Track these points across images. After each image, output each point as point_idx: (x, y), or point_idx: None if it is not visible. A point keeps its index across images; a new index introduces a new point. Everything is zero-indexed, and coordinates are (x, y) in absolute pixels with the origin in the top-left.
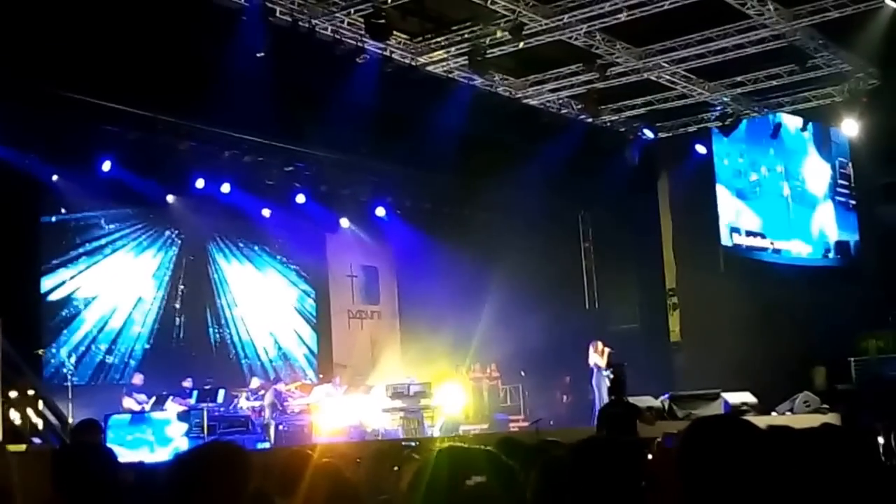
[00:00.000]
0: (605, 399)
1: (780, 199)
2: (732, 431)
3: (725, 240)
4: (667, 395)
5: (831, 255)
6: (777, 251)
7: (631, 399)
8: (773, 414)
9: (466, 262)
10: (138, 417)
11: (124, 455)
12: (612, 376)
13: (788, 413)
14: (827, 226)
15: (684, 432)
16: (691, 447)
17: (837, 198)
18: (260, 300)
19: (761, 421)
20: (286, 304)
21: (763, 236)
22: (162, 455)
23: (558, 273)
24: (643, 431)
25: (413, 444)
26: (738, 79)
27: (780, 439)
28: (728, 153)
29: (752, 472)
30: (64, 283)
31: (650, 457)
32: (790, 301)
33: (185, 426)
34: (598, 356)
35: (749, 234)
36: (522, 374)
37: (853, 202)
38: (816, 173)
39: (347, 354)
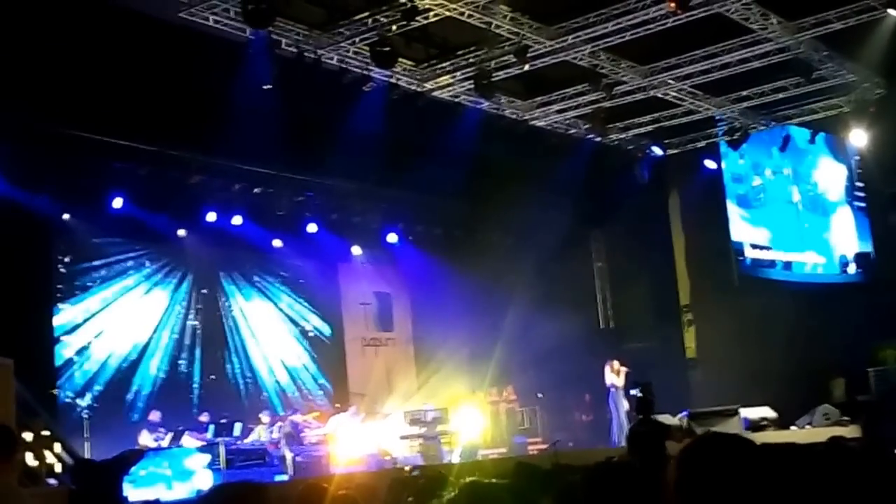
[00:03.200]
0: (623, 418)
1: (789, 206)
2: (729, 452)
3: (742, 254)
4: (685, 413)
5: (851, 268)
6: (788, 265)
7: (651, 416)
8: (793, 428)
9: (480, 286)
10: (153, 451)
11: (139, 492)
12: (639, 395)
13: (808, 426)
14: (845, 234)
15: (679, 455)
16: (688, 470)
17: (856, 202)
18: (274, 331)
19: (780, 435)
20: (300, 334)
21: (770, 249)
22: (181, 491)
23: (572, 293)
24: (673, 450)
25: (416, 472)
26: (745, 93)
27: (783, 456)
28: (726, 154)
29: (752, 492)
30: (77, 321)
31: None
32: (806, 313)
33: (204, 458)
34: (614, 375)
35: (755, 247)
36: (539, 395)
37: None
38: (830, 175)
39: (363, 382)
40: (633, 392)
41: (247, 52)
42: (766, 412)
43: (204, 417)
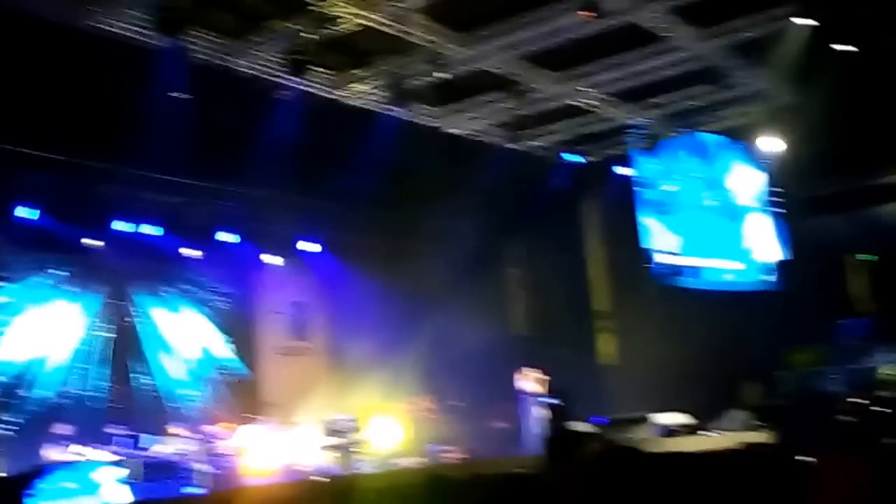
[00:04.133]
0: (535, 426)
1: (702, 212)
2: (628, 465)
3: (652, 261)
4: (601, 419)
5: (765, 274)
6: (701, 272)
7: (566, 424)
8: (706, 432)
9: (397, 294)
10: (59, 465)
11: None
12: (554, 402)
13: (722, 431)
14: (759, 240)
15: (581, 469)
16: (590, 484)
17: (770, 208)
18: (185, 341)
19: (694, 440)
20: (213, 344)
21: (682, 255)
22: None
23: (489, 300)
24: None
25: (325, 479)
26: (658, 100)
27: (686, 465)
28: (639, 160)
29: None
30: None
31: None
32: (721, 319)
33: (113, 472)
34: (527, 382)
35: (668, 253)
36: (455, 404)
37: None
38: (744, 181)
39: (278, 392)
40: (548, 399)
41: (158, 60)
42: (681, 417)
43: (112, 429)
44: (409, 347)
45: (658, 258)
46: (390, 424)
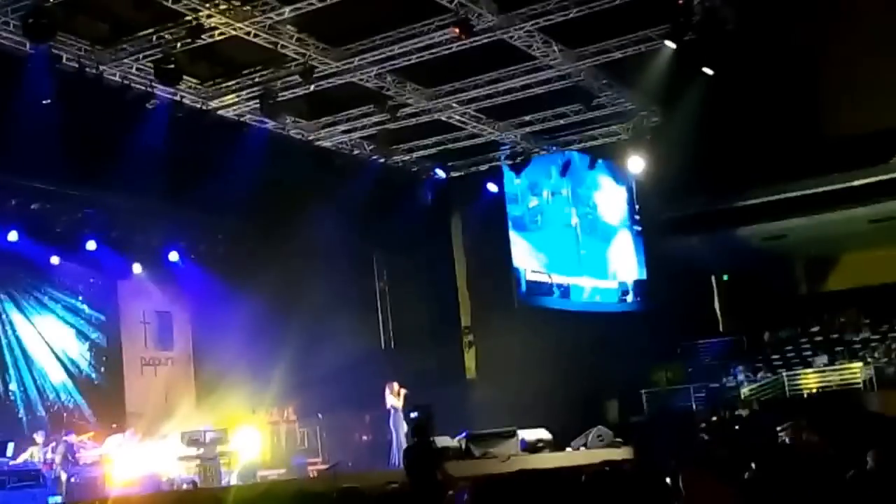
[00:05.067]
0: (402, 440)
1: (567, 230)
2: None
3: (517, 277)
4: (464, 434)
5: (629, 296)
6: (566, 291)
7: (428, 439)
8: (568, 449)
9: (263, 306)
10: None
11: None
12: (417, 417)
13: (582, 448)
14: (624, 259)
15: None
16: None
17: (635, 227)
18: (49, 349)
19: (556, 457)
20: (77, 353)
21: (547, 273)
22: None
23: (355, 313)
24: (452, 471)
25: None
26: (527, 118)
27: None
28: (505, 175)
29: None
30: None
31: None
32: (585, 336)
33: None
34: (394, 397)
35: (533, 271)
36: (319, 415)
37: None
38: (610, 200)
39: (141, 402)
40: (411, 414)
41: (26, 66)
42: (543, 434)
43: None
44: (276, 358)
45: (527, 276)
46: (255, 435)
